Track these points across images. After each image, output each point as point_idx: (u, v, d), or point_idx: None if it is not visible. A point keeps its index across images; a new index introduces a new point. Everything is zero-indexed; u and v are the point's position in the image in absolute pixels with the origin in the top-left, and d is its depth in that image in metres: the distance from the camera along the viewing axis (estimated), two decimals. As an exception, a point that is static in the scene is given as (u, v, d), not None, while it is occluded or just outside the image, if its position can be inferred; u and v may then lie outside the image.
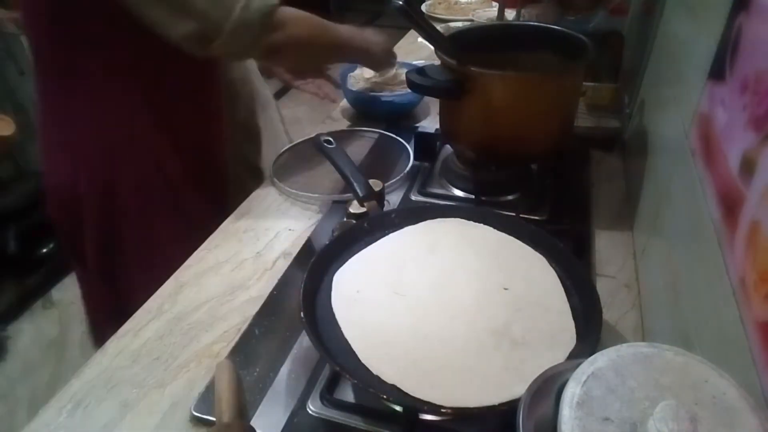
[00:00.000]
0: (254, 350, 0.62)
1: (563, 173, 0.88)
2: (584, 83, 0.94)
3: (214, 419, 0.51)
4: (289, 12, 0.76)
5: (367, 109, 1.12)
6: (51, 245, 1.96)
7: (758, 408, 0.31)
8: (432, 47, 0.81)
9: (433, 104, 1.14)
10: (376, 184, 0.78)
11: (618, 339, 0.63)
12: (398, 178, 0.91)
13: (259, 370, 0.59)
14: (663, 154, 0.72)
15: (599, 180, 0.91)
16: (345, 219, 0.76)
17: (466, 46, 0.78)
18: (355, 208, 0.75)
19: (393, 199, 0.87)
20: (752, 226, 0.39)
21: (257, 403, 0.56)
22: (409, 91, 1.06)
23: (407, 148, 0.99)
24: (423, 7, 1.82)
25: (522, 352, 0.52)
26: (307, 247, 0.78)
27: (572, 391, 0.33)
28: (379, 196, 0.77)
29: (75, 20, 0.71)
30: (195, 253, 0.78)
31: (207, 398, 0.55)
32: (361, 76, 1.20)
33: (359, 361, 0.52)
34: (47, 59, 0.78)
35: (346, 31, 0.87)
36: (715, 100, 0.53)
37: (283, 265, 0.75)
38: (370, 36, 0.93)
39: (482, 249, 0.65)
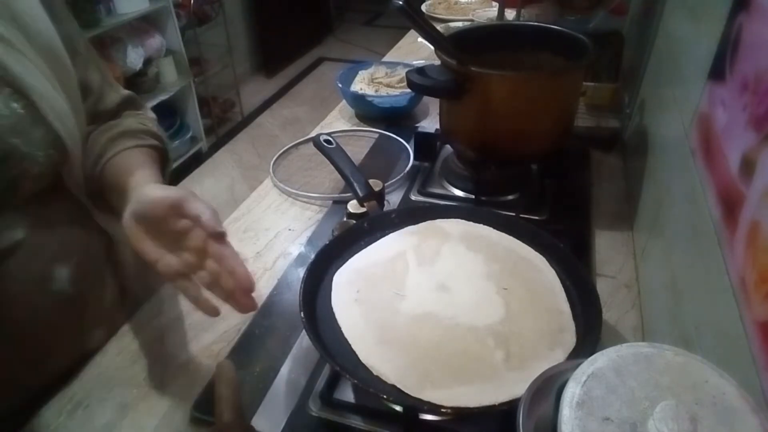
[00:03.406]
0: (254, 350, 0.62)
1: (563, 173, 0.88)
2: (584, 83, 0.94)
3: (213, 419, 0.51)
4: None
5: (367, 109, 1.12)
6: None
7: (758, 408, 0.31)
8: (432, 47, 0.81)
9: (433, 104, 1.14)
10: (376, 184, 0.78)
11: (618, 339, 0.63)
12: (398, 178, 0.91)
13: (259, 370, 0.59)
14: (663, 154, 0.72)
15: (599, 180, 0.91)
16: (345, 219, 0.76)
17: (466, 46, 0.78)
18: (355, 208, 0.75)
19: (393, 199, 0.87)
20: (752, 226, 0.39)
21: (257, 403, 0.56)
22: (409, 91, 1.06)
23: (407, 148, 0.99)
24: (423, 7, 1.82)
25: (522, 352, 0.52)
26: (307, 247, 0.78)
27: (572, 391, 0.33)
28: (379, 196, 0.77)
29: None
30: (195, 253, 0.78)
31: (207, 398, 0.55)
32: (365, 75, 1.21)
33: (359, 361, 0.52)
34: None
35: None
36: (715, 100, 0.53)
37: (283, 265, 0.75)
38: None
39: (482, 249, 0.65)
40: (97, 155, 0.63)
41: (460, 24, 1.61)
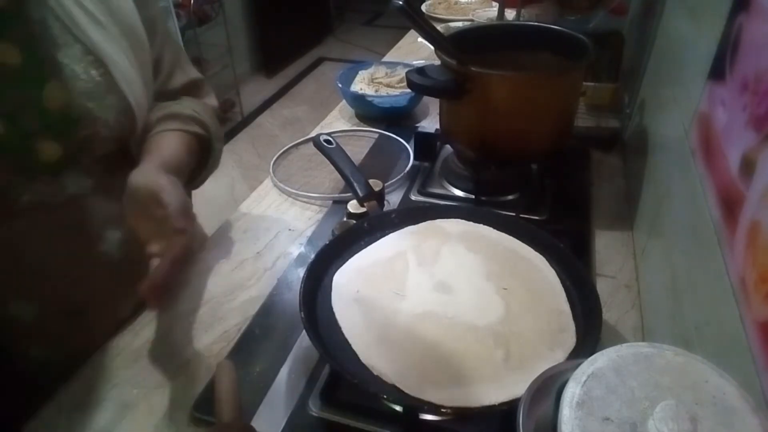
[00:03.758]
0: (254, 350, 0.62)
1: (563, 173, 0.88)
2: (584, 83, 0.94)
3: (213, 419, 0.51)
4: None
5: (367, 109, 1.12)
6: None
7: (758, 408, 0.31)
8: (432, 47, 0.81)
9: (433, 104, 1.14)
10: (376, 184, 0.78)
11: (618, 339, 0.63)
12: (398, 178, 0.91)
13: (259, 370, 0.59)
14: (663, 154, 0.72)
15: (599, 180, 0.91)
16: (345, 219, 0.76)
17: (466, 46, 0.78)
18: (355, 208, 0.75)
19: (393, 199, 0.87)
20: (752, 226, 0.39)
21: (257, 403, 0.56)
22: (409, 91, 1.06)
23: (407, 148, 0.99)
24: (423, 7, 1.82)
25: (522, 352, 0.52)
26: (307, 247, 0.78)
27: (572, 391, 0.33)
28: (379, 196, 0.77)
29: None
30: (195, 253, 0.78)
31: (207, 398, 0.55)
32: (365, 75, 1.21)
33: (359, 361, 0.52)
34: None
35: None
36: (715, 100, 0.53)
37: (283, 265, 0.75)
38: None
39: (482, 249, 0.65)
40: (146, 130, 0.67)
41: (460, 24, 1.61)
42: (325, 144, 0.80)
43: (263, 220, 0.85)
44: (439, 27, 0.86)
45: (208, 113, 0.74)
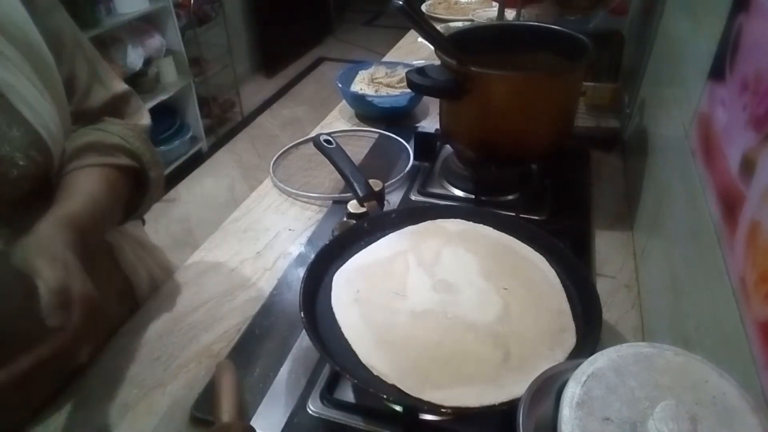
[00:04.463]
0: (254, 350, 0.62)
1: (563, 173, 0.88)
2: (584, 83, 0.94)
3: (213, 419, 0.52)
4: None
5: (367, 109, 1.12)
6: None
7: (758, 408, 0.31)
8: (432, 47, 0.81)
9: (433, 104, 1.14)
10: (376, 184, 0.78)
11: (618, 339, 0.63)
12: (398, 178, 0.91)
13: (259, 370, 0.59)
14: (663, 154, 0.72)
15: (599, 180, 0.91)
16: (345, 219, 0.76)
17: (466, 46, 0.78)
18: (354, 208, 0.75)
19: (393, 199, 0.87)
20: (752, 226, 0.39)
21: (257, 403, 0.56)
22: (409, 91, 1.06)
23: (407, 148, 0.99)
24: (423, 7, 1.82)
25: (522, 352, 0.52)
26: (307, 247, 0.78)
27: (572, 391, 0.33)
28: (379, 196, 0.77)
29: None
30: (195, 253, 0.78)
31: (207, 398, 0.55)
32: (365, 75, 1.21)
33: (359, 361, 0.52)
34: None
35: None
36: (715, 100, 0.53)
37: (283, 265, 0.75)
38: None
39: (482, 249, 0.65)
40: (61, 165, 0.57)
41: (460, 24, 1.61)
42: (325, 144, 0.80)
43: (263, 220, 0.85)
44: (439, 27, 0.86)
45: (139, 137, 0.63)
